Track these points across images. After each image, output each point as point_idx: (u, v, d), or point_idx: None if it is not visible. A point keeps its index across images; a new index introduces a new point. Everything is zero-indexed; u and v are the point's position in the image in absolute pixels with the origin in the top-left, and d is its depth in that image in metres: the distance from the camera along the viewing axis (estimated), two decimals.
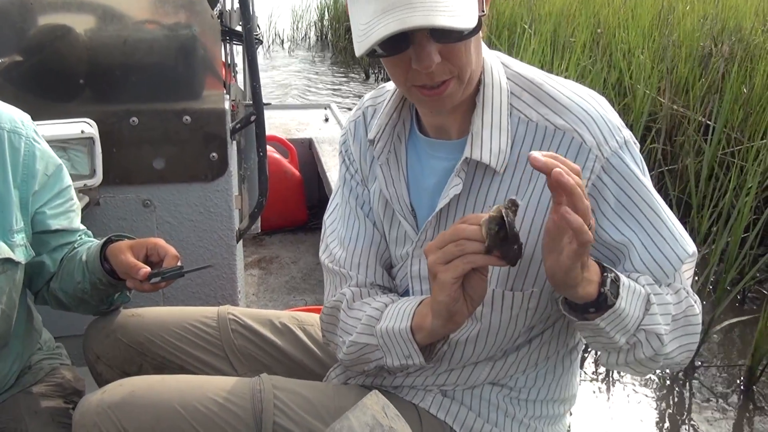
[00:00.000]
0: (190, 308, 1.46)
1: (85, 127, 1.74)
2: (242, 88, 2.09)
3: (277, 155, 3.56)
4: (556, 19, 6.50)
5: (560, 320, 1.14)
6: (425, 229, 1.11)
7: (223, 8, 2.20)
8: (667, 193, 3.96)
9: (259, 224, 2.18)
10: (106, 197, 1.93)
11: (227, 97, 2.01)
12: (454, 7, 0.91)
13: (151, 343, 1.36)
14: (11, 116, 1.26)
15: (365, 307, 1.15)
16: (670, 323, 1.02)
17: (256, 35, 2.04)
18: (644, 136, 4.45)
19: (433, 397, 1.18)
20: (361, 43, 0.93)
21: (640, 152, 1.07)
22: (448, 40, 0.94)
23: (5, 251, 1.21)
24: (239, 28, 2.14)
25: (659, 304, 1.00)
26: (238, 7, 2.08)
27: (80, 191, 1.72)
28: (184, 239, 2.01)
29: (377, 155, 1.17)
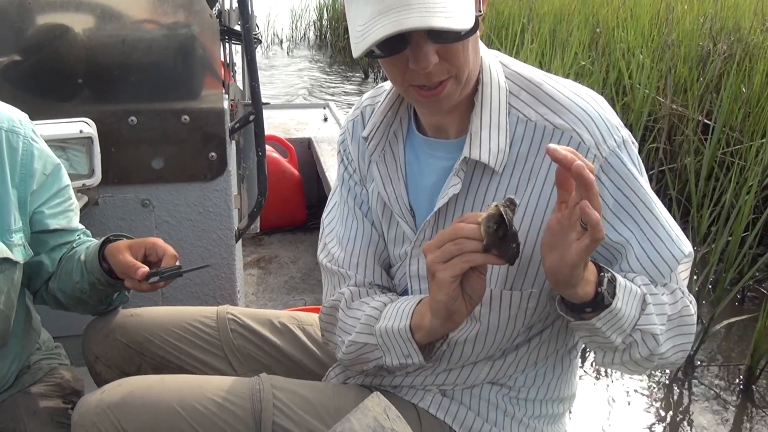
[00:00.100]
0: (189, 308, 1.46)
1: (83, 126, 1.73)
2: (241, 87, 2.08)
3: (276, 155, 3.56)
4: (554, 18, 6.50)
5: (559, 320, 1.14)
6: (423, 228, 1.11)
7: (222, 8, 2.20)
8: (666, 192, 3.96)
9: (258, 224, 2.18)
10: (104, 197, 1.93)
11: (226, 96, 2.01)
12: (450, 7, 0.91)
13: (150, 343, 1.36)
14: (9, 116, 1.26)
15: (364, 306, 1.15)
16: (665, 323, 1.02)
17: (255, 35, 2.04)
18: (644, 135, 4.45)
19: (432, 396, 1.18)
20: (358, 44, 0.94)
21: (638, 152, 1.07)
22: (445, 40, 0.94)
23: (3, 251, 1.20)
24: (238, 27, 2.14)
25: (655, 304, 1.00)
26: (236, 6, 2.07)
27: (79, 191, 1.72)
28: (183, 239, 2.01)
29: (370, 153, 1.17)
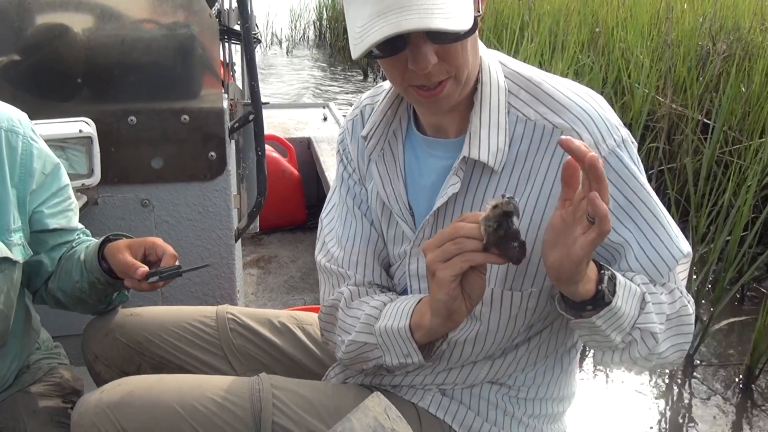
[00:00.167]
0: (188, 308, 1.46)
1: (83, 126, 1.73)
2: (241, 87, 2.08)
3: (275, 154, 3.56)
4: (554, 18, 6.49)
5: (559, 319, 1.14)
6: (423, 227, 1.11)
7: (221, 7, 2.20)
8: (665, 192, 3.96)
9: (257, 223, 2.18)
10: (104, 197, 1.93)
11: (226, 96, 2.01)
12: (449, 8, 0.91)
13: (149, 342, 1.36)
14: (8, 115, 1.26)
15: (364, 306, 1.15)
16: (664, 322, 1.02)
17: (254, 34, 2.04)
18: (643, 135, 4.45)
19: (432, 396, 1.18)
20: (357, 45, 0.94)
21: (638, 151, 1.07)
22: (444, 40, 0.94)
23: (3, 250, 1.20)
24: (237, 27, 2.14)
25: (654, 303, 1.01)
26: (236, 6, 2.07)
27: (78, 191, 1.72)
28: (182, 238, 2.01)
29: (369, 152, 1.17)
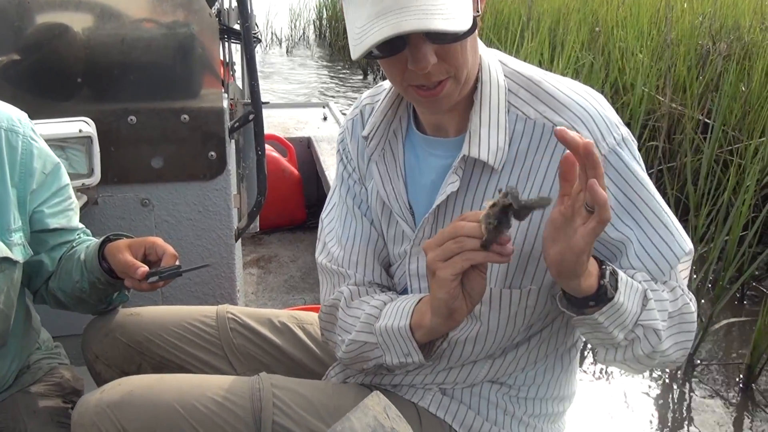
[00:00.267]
0: (188, 307, 1.46)
1: (83, 125, 1.73)
2: (240, 86, 2.08)
3: (275, 154, 3.56)
4: (554, 17, 6.50)
5: (559, 318, 1.14)
6: (422, 226, 1.11)
7: (221, 7, 2.20)
8: (665, 191, 3.96)
9: (257, 223, 2.18)
10: (104, 196, 1.93)
11: (225, 95, 2.00)
12: (448, 9, 0.91)
13: (149, 342, 1.36)
14: (8, 115, 1.26)
15: (364, 305, 1.15)
16: (666, 320, 1.02)
17: (254, 34, 2.04)
18: (642, 134, 4.45)
19: (432, 395, 1.18)
20: (356, 46, 0.94)
21: (638, 150, 1.07)
22: (443, 40, 0.94)
23: (3, 250, 1.20)
24: (237, 26, 2.14)
25: (656, 300, 1.01)
26: (236, 5, 2.07)
27: (78, 190, 1.72)
28: (182, 238, 2.01)
29: (370, 152, 1.17)
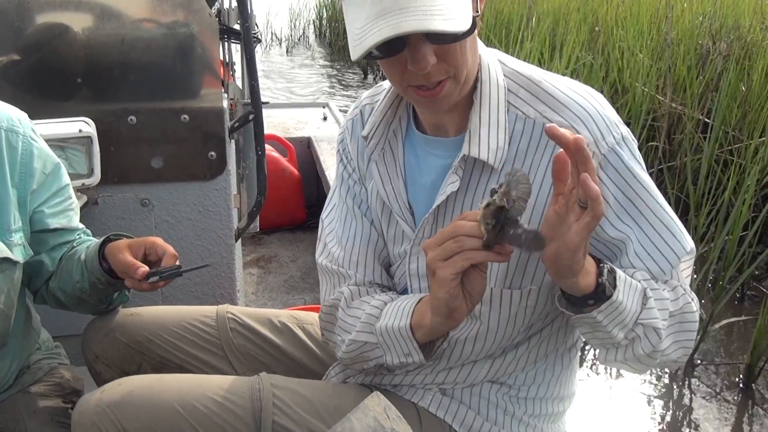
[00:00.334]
0: (188, 307, 1.46)
1: (83, 126, 1.73)
2: (240, 86, 2.08)
3: (275, 154, 3.56)
4: (554, 17, 6.50)
5: (559, 318, 1.14)
6: (422, 226, 1.11)
7: (221, 7, 2.20)
8: (665, 191, 3.96)
9: (257, 223, 2.18)
10: (104, 196, 1.93)
11: (225, 95, 2.00)
12: (447, 9, 0.91)
13: (150, 342, 1.36)
14: (8, 115, 1.26)
15: (364, 305, 1.15)
16: (667, 319, 1.02)
17: (254, 34, 2.04)
18: (642, 134, 4.45)
19: (432, 395, 1.18)
20: (356, 47, 0.94)
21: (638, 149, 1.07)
22: (443, 41, 0.94)
23: (3, 251, 1.20)
24: (237, 26, 2.13)
25: (656, 299, 1.01)
26: (236, 5, 2.07)
27: (78, 190, 1.72)
28: (182, 238, 2.01)
29: (370, 152, 1.17)
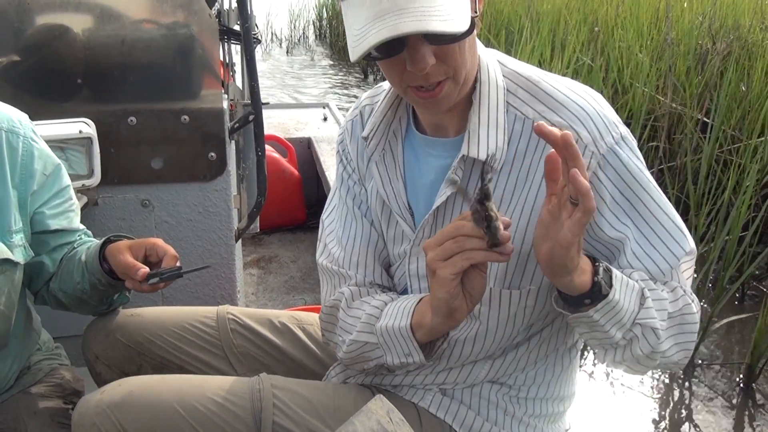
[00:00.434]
0: (189, 308, 1.46)
1: (83, 127, 1.73)
2: (240, 87, 2.08)
3: (275, 154, 3.56)
4: (554, 17, 6.50)
5: (559, 318, 1.14)
6: (422, 227, 1.11)
7: (221, 7, 2.20)
8: (665, 191, 3.96)
9: (257, 224, 2.18)
10: (104, 197, 1.93)
11: (225, 96, 2.00)
12: (446, 10, 0.91)
13: (150, 343, 1.36)
14: (9, 116, 1.26)
15: (365, 305, 1.15)
16: (666, 319, 1.02)
17: (254, 34, 2.04)
18: (642, 134, 4.46)
19: (432, 396, 1.18)
20: (355, 48, 0.94)
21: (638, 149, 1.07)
22: (442, 41, 0.95)
23: (4, 252, 1.20)
24: (237, 27, 2.14)
25: (654, 299, 1.01)
26: (236, 6, 2.07)
27: (78, 191, 1.72)
28: (182, 239, 2.01)
29: (371, 153, 1.17)
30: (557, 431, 1.25)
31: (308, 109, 4.54)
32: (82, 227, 1.42)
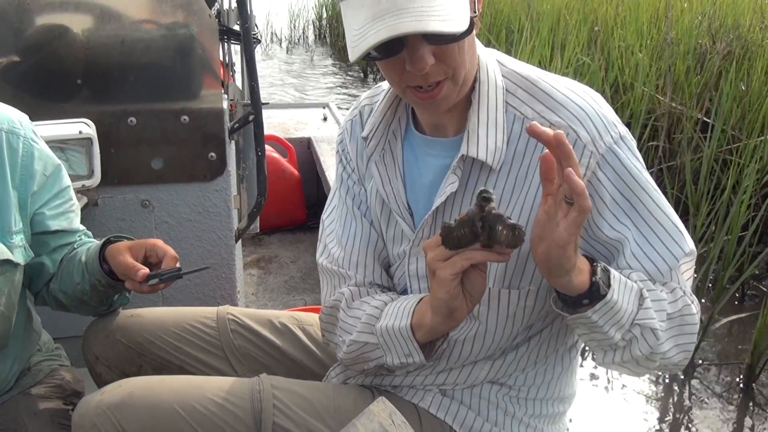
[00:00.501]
0: (189, 308, 1.46)
1: (83, 127, 1.73)
2: (240, 87, 2.08)
3: (275, 155, 3.56)
4: (554, 17, 6.50)
5: (558, 319, 1.14)
6: (422, 227, 1.11)
7: (220, 7, 2.20)
8: (665, 191, 3.96)
9: (257, 224, 2.18)
10: (104, 198, 1.93)
11: (225, 96, 2.00)
12: (445, 10, 0.91)
13: (150, 343, 1.36)
14: (9, 117, 1.26)
15: (365, 306, 1.15)
16: (665, 320, 1.02)
17: (254, 34, 2.04)
18: (642, 134, 4.46)
19: (432, 396, 1.18)
20: (354, 48, 0.94)
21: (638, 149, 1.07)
22: (441, 41, 0.95)
23: (4, 252, 1.20)
24: (237, 27, 2.14)
25: (653, 299, 1.00)
26: (235, 6, 2.07)
27: (78, 192, 1.72)
28: (182, 239, 2.01)
29: (370, 153, 1.17)
30: (557, 431, 1.25)
31: (308, 109, 4.54)
32: (82, 228, 1.42)
